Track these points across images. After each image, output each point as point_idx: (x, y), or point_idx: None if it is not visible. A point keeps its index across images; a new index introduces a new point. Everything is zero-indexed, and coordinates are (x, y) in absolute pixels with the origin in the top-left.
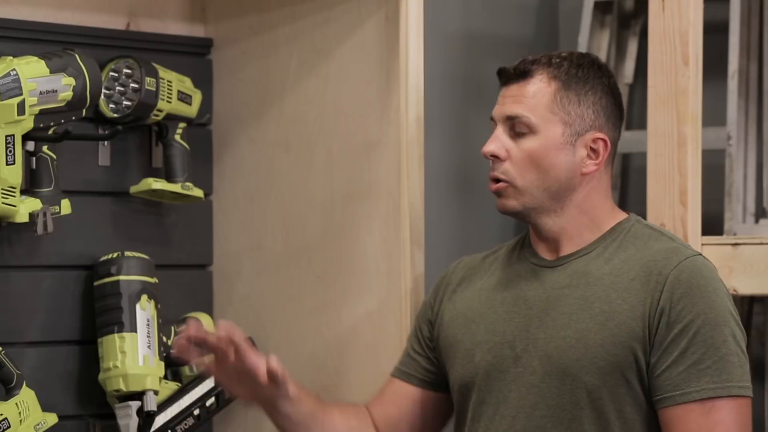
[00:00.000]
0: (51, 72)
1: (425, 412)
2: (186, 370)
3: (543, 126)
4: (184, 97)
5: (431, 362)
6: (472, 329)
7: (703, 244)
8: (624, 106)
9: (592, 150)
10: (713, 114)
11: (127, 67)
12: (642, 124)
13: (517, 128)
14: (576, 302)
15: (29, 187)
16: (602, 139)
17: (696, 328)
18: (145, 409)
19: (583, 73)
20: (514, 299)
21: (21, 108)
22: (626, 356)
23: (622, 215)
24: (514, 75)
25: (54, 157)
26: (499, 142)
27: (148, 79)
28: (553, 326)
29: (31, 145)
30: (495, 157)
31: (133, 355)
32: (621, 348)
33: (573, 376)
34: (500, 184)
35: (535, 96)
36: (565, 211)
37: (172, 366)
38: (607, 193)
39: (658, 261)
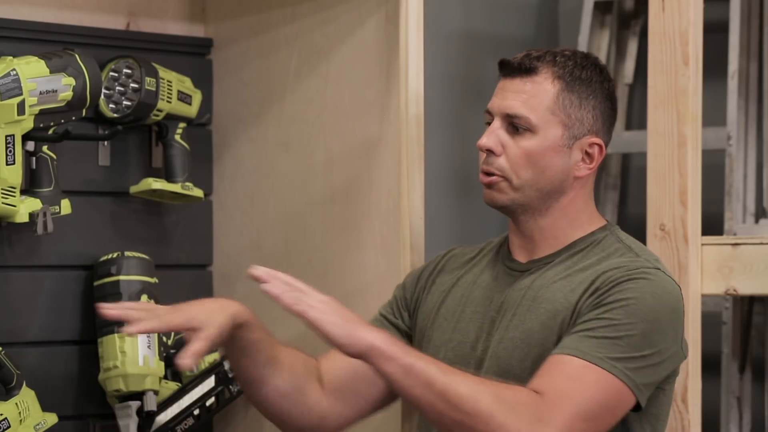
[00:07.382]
0: (51, 72)
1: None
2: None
3: (542, 126)
4: (184, 97)
5: (400, 334)
6: (443, 327)
7: (703, 244)
8: (620, 109)
9: (587, 154)
10: (713, 114)
11: (127, 67)
12: (642, 124)
13: (515, 125)
14: (527, 303)
15: (29, 187)
16: (598, 144)
17: (609, 308)
18: (145, 409)
19: (587, 75)
20: (482, 300)
21: (21, 108)
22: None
23: (599, 222)
24: (517, 69)
25: (54, 157)
26: (495, 136)
27: (148, 79)
28: (506, 328)
29: (31, 145)
30: (490, 152)
31: (133, 355)
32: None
33: (517, 377)
34: (493, 178)
35: (538, 95)
36: (550, 212)
37: (172, 366)
38: (590, 196)
39: (608, 272)
